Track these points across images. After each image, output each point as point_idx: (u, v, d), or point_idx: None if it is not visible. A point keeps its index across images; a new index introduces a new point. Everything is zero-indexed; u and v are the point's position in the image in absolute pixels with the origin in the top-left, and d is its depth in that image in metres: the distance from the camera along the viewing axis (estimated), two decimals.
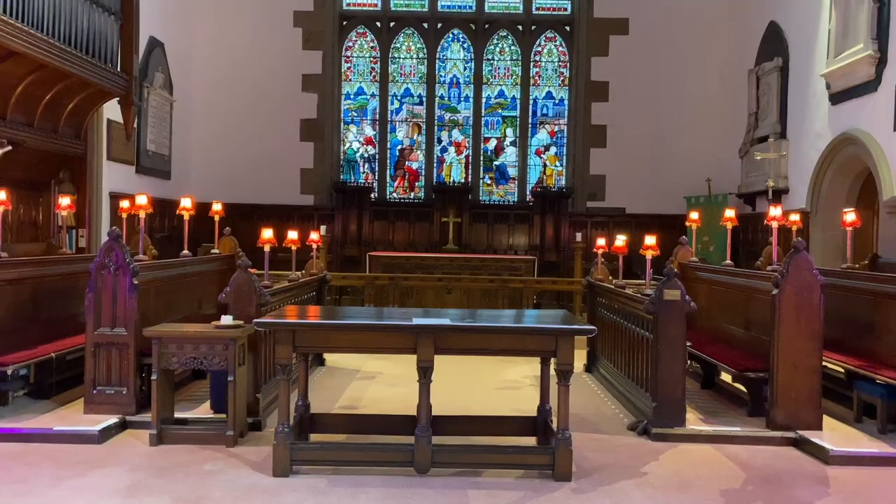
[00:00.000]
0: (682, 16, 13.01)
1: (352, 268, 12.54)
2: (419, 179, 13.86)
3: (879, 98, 8.36)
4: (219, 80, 13.02)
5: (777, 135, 10.82)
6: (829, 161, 9.52)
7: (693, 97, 13.06)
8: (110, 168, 9.86)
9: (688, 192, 12.67)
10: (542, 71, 13.76)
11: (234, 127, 13.07)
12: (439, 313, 5.37)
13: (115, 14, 8.76)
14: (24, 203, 8.34)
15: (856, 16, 8.78)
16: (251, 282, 5.75)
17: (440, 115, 13.84)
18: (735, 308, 6.95)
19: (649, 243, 6.41)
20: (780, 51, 10.92)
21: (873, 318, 6.12)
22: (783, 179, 10.60)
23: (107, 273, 5.65)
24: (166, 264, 6.83)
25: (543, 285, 11.24)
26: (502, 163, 13.92)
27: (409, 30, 13.68)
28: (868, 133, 8.53)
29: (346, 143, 13.82)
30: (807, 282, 5.63)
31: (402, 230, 13.45)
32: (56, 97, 8.18)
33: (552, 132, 13.86)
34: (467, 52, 13.75)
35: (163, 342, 5.22)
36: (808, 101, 10.10)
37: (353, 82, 13.77)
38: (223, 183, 12.69)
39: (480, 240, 13.36)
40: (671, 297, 5.65)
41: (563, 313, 5.70)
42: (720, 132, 12.77)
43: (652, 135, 13.15)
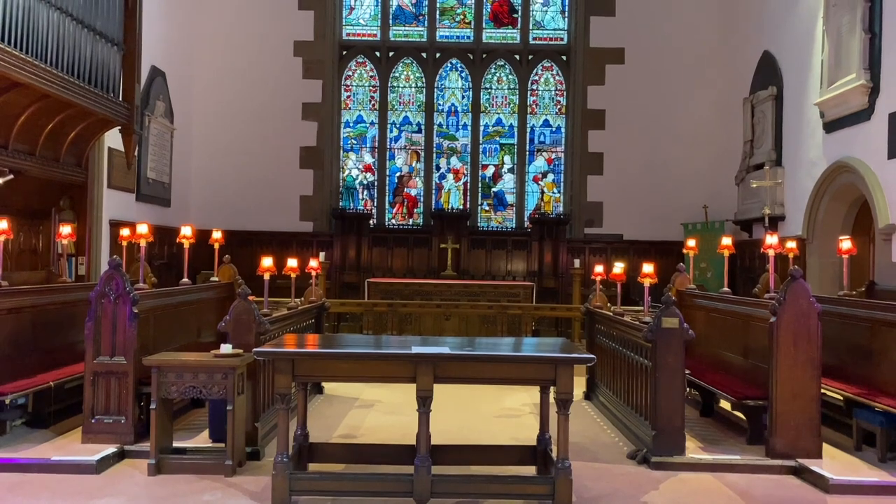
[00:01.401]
0: (676, 45, 13.19)
1: (350, 294, 12.56)
2: (418, 206, 13.93)
3: (873, 127, 8.46)
4: (219, 108, 13.15)
5: (772, 162, 10.92)
6: (825, 188, 9.60)
7: (689, 125, 13.20)
8: (110, 196, 9.91)
9: (685, 218, 12.74)
10: (539, 99, 13.91)
11: (234, 154, 13.16)
12: (437, 341, 5.38)
13: (117, 44, 8.87)
14: (24, 231, 8.37)
15: (848, 46, 8.92)
16: (250, 310, 5.76)
17: (438, 142, 13.96)
18: (733, 335, 6.96)
19: (647, 271, 6.44)
20: (774, 80, 11.06)
21: (871, 346, 6.15)
22: (779, 206, 10.68)
23: (107, 302, 5.66)
24: (166, 293, 6.85)
25: (542, 312, 11.26)
26: (500, 189, 14.01)
27: (408, 59, 13.85)
28: (862, 161, 8.62)
29: (346, 170, 13.92)
30: (804, 309, 5.66)
31: (400, 256, 13.49)
32: (58, 126, 8.24)
33: (549, 159, 13.97)
34: (465, 81, 13.91)
35: (162, 371, 5.22)
36: (803, 129, 10.21)
37: (353, 110, 13.91)
38: (222, 210, 12.77)
39: (479, 266, 13.40)
40: (669, 325, 5.67)
41: (563, 341, 5.71)
42: (716, 159, 12.88)
43: (648, 162, 13.26)
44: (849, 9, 8.89)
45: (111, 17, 8.69)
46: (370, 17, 13.82)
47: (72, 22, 7.81)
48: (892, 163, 8.08)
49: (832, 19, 9.30)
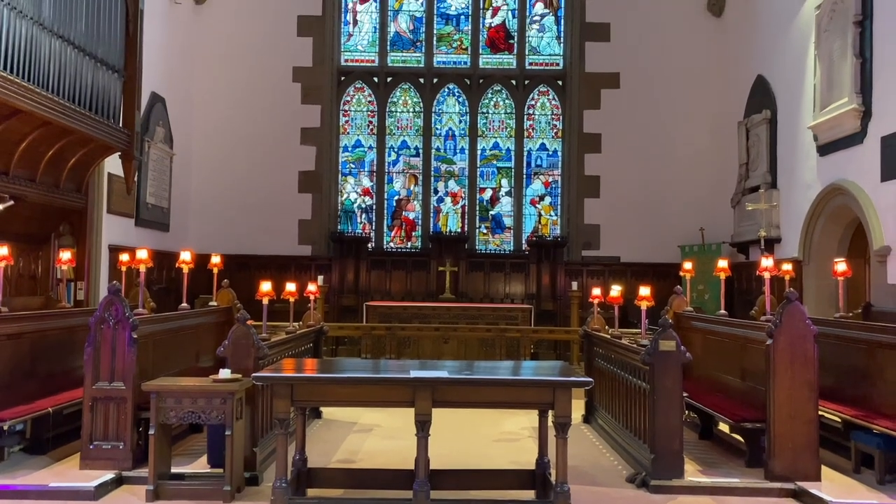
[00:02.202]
0: (671, 70, 13.35)
1: (349, 317, 12.57)
2: (416, 229, 13.99)
3: (866, 150, 8.55)
4: (218, 133, 13.25)
5: (768, 185, 11.01)
6: (820, 211, 9.67)
7: (684, 148, 13.31)
8: (110, 221, 9.96)
9: (681, 240, 12.81)
10: (535, 123, 14.04)
11: (233, 179, 13.24)
12: (436, 365, 5.40)
13: (118, 72, 8.98)
14: (24, 256, 8.40)
15: (839, 70, 9.05)
16: (249, 335, 5.78)
17: (436, 166, 14.06)
18: (731, 357, 6.98)
19: (644, 294, 6.48)
20: (767, 103, 11.18)
21: (868, 367, 6.17)
22: (775, 229, 10.75)
23: (106, 327, 5.68)
24: (165, 318, 6.87)
25: (540, 335, 11.26)
26: (498, 212, 14.08)
27: (406, 84, 13.99)
28: (856, 183, 8.70)
29: (344, 193, 14.00)
30: (800, 332, 5.69)
31: (398, 279, 13.52)
32: (58, 152, 8.31)
33: (546, 182, 14.06)
34: (462, 105, 14.04)
35: (161, 396, 5.23)
36: (797, 152, 10.31)
37: (351, 135, 14.02)
38: (221, 234, 12.82)
39: (477, 289, 13.42)
40: (666, 348, 5.70)
41: (561, 365, 5.73)
42: (712, 182, 12.98)
43: (645, 185, 13.35)
44: (840, 34, 9.04)
45: (112, 45, 8.80)
46: (368, 43, 13.99)
47: (73, 50, 7.92)
48: (885, 185, 8.16)
49: (824, 44, 9.44)
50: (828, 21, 9.34)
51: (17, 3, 6.91)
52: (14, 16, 6.86)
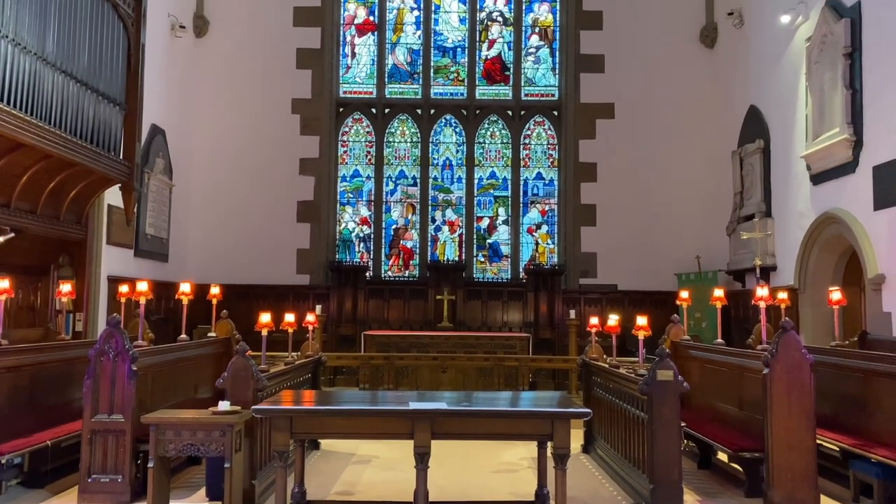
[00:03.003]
0: (665, 100, 13.53)
1: (347, 346, 12.57)
2: (413, 258, 14.05)
3: (858, 179, 8.66)
4: (218, 164, 13.36)
5: (762, 213, 11.10)
6: (814, 239, 9.75)
7: (679, 177, 13.44)
8: (109, 252, 10.00)
9: (678, 268, 12.87)
10: (531, 153, 14.18)
11: (232, 209, 13.32)
12: (434, 396, 5.42)
13: (119, 105, 9.08)
14: (23, 288, 8.42)
15: (831, 101, 9.19)
16: (248, 367, 5.80)
17: (434, 195, 14.16)
18: (728, 386, 7.00)
19: (641, 324, 6.52)
20: (761, 133, 11.33)
21: (865, 396, 6.20)
22: (770, 257, 10.82)
23: (106, 359, 5.70)
24: (164, 349, 6.88)
25: (539, 363, 11.27)
26: (495, 241, 14.15)
27: (404, 115, 14.16)
28: (849, 212, 8.79)
29: (342, 223, 14.07)
30: (796, 361, 5.72)
31: (396, 308, 13.54)
32: (59, 184, 8.38)
33: (543, 211, 14.16)
34: (459, 135, 14.19)
35: (160, 429, 5.23)
36: (791, 181, 10.43)
37: (350, 165, 14.14)
38: (219, 264, 12.87)
39: (475, 317, 13.44)
40: (664, 378, 5.73)
41: (560, 395, 5.75)
42: (707, 210, 13.08)
43: (641, 213, 13.45)
44: (830, 66, 9.20)
45: (114, 78, 8.93)
46: (366, 75, 14.18)
47: (76, 84, 8.03)
48: (878, 214, 8.25)
49: (814, 76, 9.60)
50: (818, 53, 9.51)
51: (21, 39, 7.04)
52: (18, 52, 6.98)
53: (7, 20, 6.83)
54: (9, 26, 6.86)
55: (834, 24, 9.07)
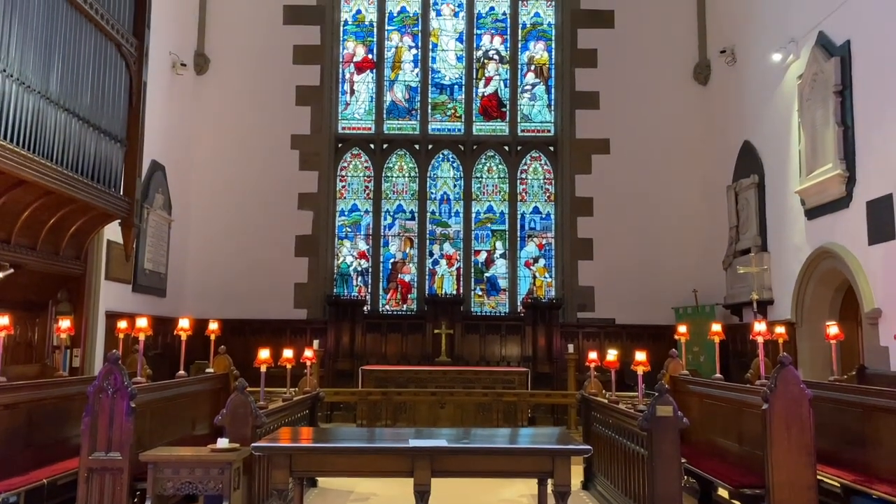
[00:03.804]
0: (659, 136, 13.70)
1: (344, 381, 12.50)
2: (411, 292, 14.06)
3: (852, 214, 8.75)
4: (216, 199, 13.44)
5: (758, 247, 11.17)
6: (810, 273, 9.80)
7: (675, 211, 13.54)
8: (107, 287, 10.00)
9: (675, 302, 12.90)
10: (528, 187, 14.30)
11: (230, 244, 13.37)
12: (433, 433, 5.41)
13: (120, 141, 9.16)
14: (21, 324, 8.40)
15: (823, 137, 9.32)
16: (247, 404, 5.79)
17: (431, 229, 14.23)
18: (727, 421, 6.98)
19: (640, 359, 6.53)
20: (755, 168, 11.45)
21: (864, 431, 6.18)
22: (767, 291, 10.86)
23: (105, 396, 5.67)
24: (162, 386, 6.86)
25: (537, 398, 11.22)
26: (493, 274, 14.19)
27: (402, 150, 14.30)
28: (844, 247, 8.86)
29: (340, 257, 14.11)
30: (795, 396, 5.72)
31: (394, 342, 13.51)
32: (60, 220, 8.41)
33: (540, 245, 14.23)
34: (457, 170, 14.32)
35: (158, 467, 5.20)
36: (786, 215, 10.52)
37: (348, 199, 14.23)
38: (217, 298, 12.87)
39: (473, 351, 13.41)
40: (664, 414, 5.72)
41: (559, 431, 5.74)
42: (704, 244, 13.16)
43: (637, 247, 13.52)
44: (821, 103, 9.35)
45: (115, 116, 9.02)
46: (365, 111, 14.35)
47: (78, 122, 8.11)
48: (873, 249, 8.32)
49: (806, 112, 9.75)
50: (809, 90, 9.67)
51: (26, 78, 7.14)
52: (22, 91, 7.07)
53: (12, 60, 6.94)
54: (14, 66, 6.97)
55: (824, 62, 9.25)
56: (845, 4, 8.96)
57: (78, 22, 8.13)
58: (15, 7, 7.01)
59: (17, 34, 7.03)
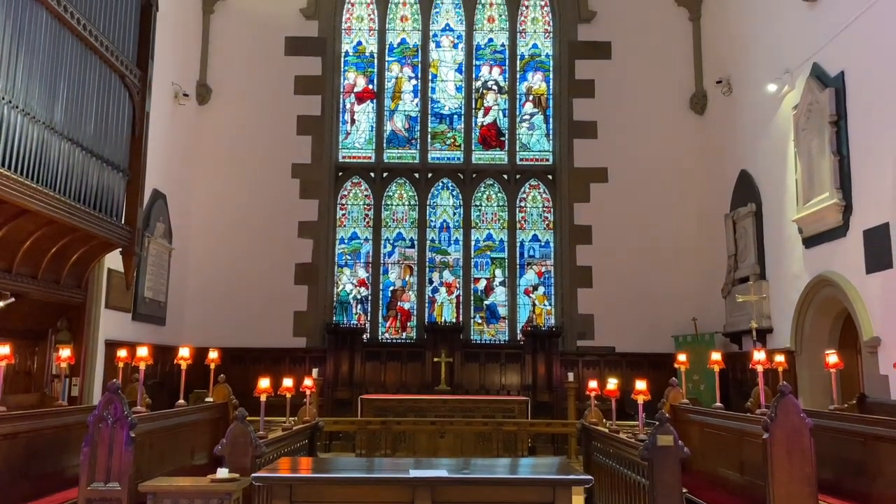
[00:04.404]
0: (657, 164, 13.81)
1: (343, 410, 12.45)
2: (411, 319, 14.06)
3: (849, 243, 8.80)
4: (217, 227, 13.50)
5: (756, 276, 11.20)
6: (809, 301, 9.82)
7: (674, 240, 13.60)
8: (107, 316, 10.01)
9: (675, 330, 12.90)
10: (527, 216, 14.38)
11: (230, 272, 13.39)
12: (432, 464, 5.38)
13: (123, 171, 9.24)
14: (20, 353, 8.39)
15: (819, 166, 9.40)
16: (247, 434, 5.77)
17: (431, 257, 14.27)
18: (728, 451, 6.96)
19: (640, 388, 6.53)
20: (752, 197, 11.53)
21: (866, 460, 6.16)
22: (766, 319, 10.87)
23: (104, 426, 5.65)
24: (162, 415, 6.84)
25: (538, 428, 11.16)
26: (492, 302, 14.20)
27: (402, 179, 14.40)
28: (842, 275, 8.89)
29: (340, 285, 14.13)
30: (795, 425, 5.71)
31: (393, 371, 13.47)
32: (61, 249, 8.46)
33: (539, 272, 14.26)
34: (456, 198, 14.41)
35: (157, 497, 5.17)
36: (784, 244, 10.57)
37: (348, 227, 14.29)
38: (216, 327, 12.86)
39: (473, 380, 13.37)
40: (664, 443, 5.71)
41: (560, 461, 5.73)
42: (702, 273, 13.19)
43: (636, 275, 13.55)
44: (817, 133, 9.45)
45: (118, 145, 9.12)
46: (365, 141, 14.48)
47: (82, 152, 8.20)
48: (871, 277, 8.36)
49: (802, 142, 9.85)
50: (805, 120, 9.78)
51: (31, 109, 7.24)
52: (27, 121, 7.16)
53: (18, 91, 7.04)
54: (19, 97, 7.06)
55: (819, 93, 9.37)
56: (838, 37, 9.10)
57: (83, 54, 8.26)
58: (22, 39, 7.13)
59: (24, 66, 7.15)
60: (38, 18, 7.42)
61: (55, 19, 7.69)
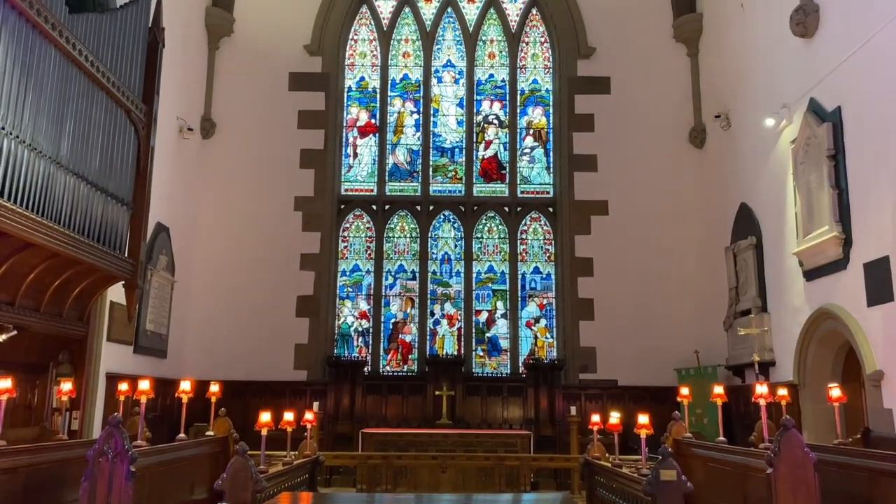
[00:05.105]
0: (657, 197, 13.88)
1: (344, 445, 12.35)
2: (412, 352, 14.02)
3: (850, 276, 8.80)
4: (219, 260, 13.54)
5: (758, 308, 11.19)
6: (811, 334, 9.79)
7: (675, 272, 13.61)
8: (109, 349, 9.99)
9: (678, 363, 12.85)
10: (528, 248, 14.42)
11: (232, 305, 13.39)
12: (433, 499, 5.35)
13: (127, 204, 9.32)
14: (21, 386, 8.36)
15: (818, 200, 9.45)
16: (248, 468, 5.74)
17: (432, 289, 14.28)
18: (732, 485, 6.90)
19: (643, 422, 6.51)
20: (752, 230, 11.57)
21: (871, 496, 6.09)
22: (768, 352, 10.83)
23: (105, 460, 5.63)
24: (162, 449, 6.81)
25: (540, 462, 11.05)
26: (494, 335, 14.17)
27: (403, 211, 14.48)
28: (844, 308, 8.88)
29: (341, 317, 14.12)
30: (799, 460, 5.68)
31: (395, 404, 13.39)
32: (64, 282, 8.49)
33: (541, 305, 14.25)
34: (458, 231, 14.47)
35: None
36: (784, 276, 10.57)
37: (350, 259, 14.33)
38: (217, 360, 12.84)
39: (475, 413, 13.27)
40: (667, 478, 5.67)
41: (563, 497, 5.69)
42: (704, 305, 13.18)
43: (638, 308, 13.53)
44: (815, 167, 9.52)
45: (123, 179, 9.20)
46: (367, 174, 14.60)
47: (87, 186, 8.28)
48: (872, 310, 8.35)
49: (801, 176, 9.92)
50: (803, 154, 9.87)
51: (38, 144, 7.34)
52: (34, 156, 7.26)
53: (25, 126, 7.15)
54: (27, 132, 7.17)
55: (816, 127, 9.47)
56: (834, 73, 9.23)
57: (90, 90, 8.39)
58: (31, 75, 7.25)
59: (32, 101, 7.26)
60: (48, 55, 7.56)
61: (64, 56, 7.83)
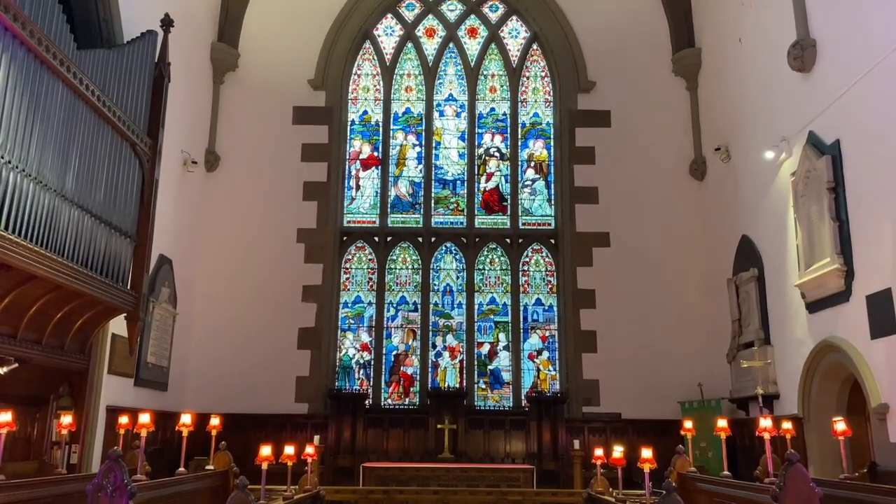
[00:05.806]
0: (658, 229, 13.91)
1: (345, 479, 12.22)
2: (414, 385, 13.94)
3: (852, 308, 8.78)
4: (222, 292, 13.54)
5: (761, 341, 11.13)
6: (815, 367, 9.72)
7: (677, 304, 13.58)
8: (109, 381, 9.94)
9: (681, 396, 12.76)
10: (530, 280, 14.42)
11: (234, 337, 13.36)
12: None
13: (130, 237, 9.36)
14: (21, 419, 8.33)
15: (819, 232, 9.47)
16: (247, 502, 5.69)
17: (434, 321, 14.25)
18: None
19: (646, 456, 6.45)
20: (754, 262, 11.57)
21: None
22: (772, 385, 10.75)
23: (103, 495, 5.57)
24: (162, 483, 6.75)
25: (543, 497, 10.91)
26: (496, 367, 14.10)
27: (405, 243, 14.52)
28: (847, 340, 8.84)
29: (343, 349, 14.07)
30: (805, 495, 5.61)
31: (396, 438, 13.28)
32: (66, 315, 8.49)
33: (544, 337, 14.20)
34: (459, 262, 14.49)
35: None
36: (787, 309, 10.54)
37: (352, 291, 14.33)
38: (218, 393, 12.77)
39: (477, 447, 13.15)
40: None
41: None
42: (707, 338, 13.13)
43: (641, 340, 13.48)
44: (816, 199, 9.56)
45: (127, 212, 9.26)
46: (370, 206, 14.68)
47: (91, 219, 8.33)
48: (876, 343, 8.31)
49: (801, 208, 9.95)
50: (803, 187, 9.91)
51: (43, 177, 7.40)
52: (39, 189, 7.32)
53: (31, 160, 7.22)
54: (33, 165, 7.24)
55: (816, 160, 9.52)
56: (833, 106, 9.31)
57: (96, 123, 8.49)
58: (38, 109, 7.35)
59: (38, 135, 7.35)
60: (55, 90, 7.67)
61: (71, 91, 7.94)
